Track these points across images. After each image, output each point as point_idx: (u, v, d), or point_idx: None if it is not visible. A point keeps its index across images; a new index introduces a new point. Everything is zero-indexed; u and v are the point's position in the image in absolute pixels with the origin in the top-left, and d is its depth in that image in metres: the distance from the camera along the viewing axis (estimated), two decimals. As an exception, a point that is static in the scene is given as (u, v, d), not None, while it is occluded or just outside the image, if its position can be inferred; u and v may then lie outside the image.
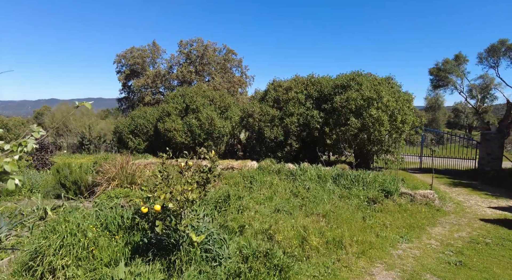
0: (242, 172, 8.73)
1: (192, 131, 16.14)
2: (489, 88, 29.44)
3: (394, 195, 7.67)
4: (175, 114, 16.67)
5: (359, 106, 12.08)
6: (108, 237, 3.68)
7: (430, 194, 7.93)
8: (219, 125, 16.33)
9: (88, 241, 3.42)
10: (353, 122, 11.91)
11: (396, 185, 8.12)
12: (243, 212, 5.73)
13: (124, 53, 31.20)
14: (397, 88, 13.31)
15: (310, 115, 13.32)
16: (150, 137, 19.16)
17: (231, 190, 6.92)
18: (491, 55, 28.73)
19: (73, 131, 24.02)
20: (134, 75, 31.28)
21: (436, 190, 8.76)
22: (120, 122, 20.24)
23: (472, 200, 8.44)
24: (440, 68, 28.57)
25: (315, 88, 14.02)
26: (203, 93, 17.71)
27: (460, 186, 10.65)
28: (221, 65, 30.97)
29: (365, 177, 8.42)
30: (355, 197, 7.34)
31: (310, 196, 7.38)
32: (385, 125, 11.71)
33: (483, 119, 32.32)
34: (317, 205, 6.66)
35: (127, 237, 3.67)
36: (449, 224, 6.16)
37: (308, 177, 8.50)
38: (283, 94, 14.16)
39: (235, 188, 7.62)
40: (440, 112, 45.36)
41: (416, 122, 12.97)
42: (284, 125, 13.68)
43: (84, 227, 3.54)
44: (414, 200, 7.73)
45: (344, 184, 8.36)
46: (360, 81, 12.82)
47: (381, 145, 12.52)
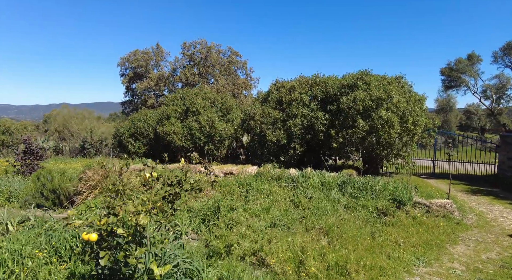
0: (239, 179, 8.01)
1: (192, 135, 15.51)
2: (505, 89, 28.12)
3: (407, 206, 6.84)
4: (174, 117, 16.09)
5: (367, 107, 11.26)
6: (55, 265, 3.00)
7: (448, 204, 7.07)
8: (220, 128, 15.66)
9: (27, 272, 2.75)
10: (360, 125, 11.09)
11: (409, 194, 7.28)
12: (233, 228, 5.00)
13: (128, 56, 30.95)
14: (408, 88, 12.44)
15: (315, 117, 12.54)
16: (150, 141, 18.63)
17: (224, 200, 6.21)
18: (507, 53, 27.49)
19: (75, 135, 23.71)
20: (138, 78, 30.98)
21: (453, 199, 7.88)
22: (120, 125, 19.78)
23: (496, 211, 7.53)
24: (453, 68, 27.44)
25: (320, 89, 13.25)
26: (204, 95, 17.10)
27: (479, 194, 9.71)
28: (225, 67, 30.43)
29: (374, 185, 7.60)
30: (362, 208, 6.54)
31: (312, 206, 6.61)
32: (395, 127, 10.85)
33: (499, 121, 30.92)
34: (319, 218, 5.89)
35: (73, 267, 2.98)
36: (473, 241, 5.31)
37: (311, 184, 7.73)
38: (286, 95, 13.42)
39: (229, 197, 6.90)
40: (452, 114, 43.88)
41: (429, 124, 12.07)
42: (287, 128, 12.93)
43: (26, 253, 2.87)
44: (429, 211, 6.88)
45: (350, 192, 7.56)
46: (368, 80, 12.00)
47: (391, 148, 11.65)
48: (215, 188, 7.61)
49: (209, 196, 7.20)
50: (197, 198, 7.07)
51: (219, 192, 7.53)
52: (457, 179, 12.50)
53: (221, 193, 7.36)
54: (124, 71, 32.05)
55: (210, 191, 7.49)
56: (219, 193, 7.34)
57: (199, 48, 28.57)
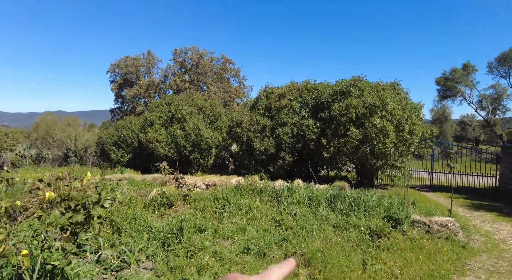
0: (216, 192, 7.13)
1: (177, 143, 14.65)
2: (501, 99, 27.72)
3: (404, 225, 6.00)
4: (158, 124, 15.24)
5: (361, 114, 10.53)
6: None
7: (450, 223, 6.24)
8: (207, 136, 14.83)
9: None
10: (353, 133, 10.33)
11: (406, 211, 6.44)
12: (194, 255, 4.11)
13: (118, 62, 30.23)
14: (404, 95, 11.78)
15: (305, 125, 11.78)
16: (134, 149, 17.70)
17: (191, 219, 5.32)
18: (502, 64, 27.19)
19: (58, 143, 22.68)
20: (128, 85, 30.19)
21: (455, 216, 7.07)
22: (104, 133, 18.86)
23: (504, 230, 6.72)
24: (448, 77, 27.04)
25: (311, 95, 12.54)
26: (191, 101, 16.32)
27: (482, 209, 8.91)
28: (217, 75, 29.81)
29: (367, 200, 6.76)
30: (353, 227, 5.68)
31: (296, 225, 5.74)
32: (390, 136, 10.10)
33: (495, 132, 30.45)
34: (303, 240, 5.03)
35: None
36: (484, 270, 4.47)
37: (296, 199, 6.87)
38: (276, 101, 12.68)
39: (201, 214, 6.02)
40: (448, 124, 43.52)
41: (426, 133, 11.35)
42: (276, 136, 12.13)
43: None
44: (430, 231, 6.04)
45: (341, 208, 6.71)
46: (362, 87, 11.32)
47: (386, 159, 10.88)
48: (188, 203, 6.72)
49: (179, 212, 6.30)
50: (164, 215, 6.18)
51: (193, 207, 6.64)
52: (456, 192, 11.71)
53: (194, 208, 6.47)
54: (114, 78, 31.28)
55: (181, 206, 6.60)
56: (192, 208, 6.45)
57: (190, 55, 27.95)
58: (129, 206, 6.23)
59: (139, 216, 5.48)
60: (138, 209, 6.15)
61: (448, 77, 27.21)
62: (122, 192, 9.40)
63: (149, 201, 6.86)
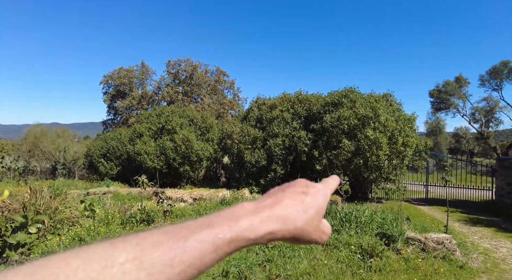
0: (200, 207, 6.73)
1: (166, 155, 14.26)
2: (494, 112, 27.86)
3: (398, 242, 5.63)
4: (148, 136, 14.88)
5: (353, 126, 10.29)
6: None
7: (447, 240, 5.88)
8: (198, 148, 14.47)
9: None
10: (346, 145, 10.06)
11: (400, 227, 6.09)
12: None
13: (111, 74, 30.05)
14: (397, 106, 11.62)
15: (297, 136, 11.51)
16: (123, 162, 17.23)
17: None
18: (493, 77, 27.47)
19: (47, 155, 22.14)
20: (120, 97, 29.92)
21: (452, 232, 6.72)
22: (93, 144, 18.42)
23: (503, 248, 6.37)
24: (441, 90, 27.20)
25: (303, 107, 12.33)
26: (182, 112, 16.04)
27: (479, 224, 8.58)
28: (211, 86, 29.72)
29: (359, 216, 6.41)
30: (344, 246, 5.30)
31: (284, 244, 5.34)
32: (383, 148, 9.85)
33: (489, 145, 30.47)
34: (288, 261, 4.63)
35: None
36: (484, 295, 4.09)
37: (284, 215, 6.48)
38: (267, 112, 12.44)
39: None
40: (442, 137, 43.66)
41: (420, 145, 11.12)
42: (267, 148, 11.83)
43: None
44: (425, 248, 5.68)
45: (331, 224, 6.32)
46: (354, 98, 11.14)
47: (379, 171, 10.59)
48: (169, 219, 6.31)
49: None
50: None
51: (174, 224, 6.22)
52: (452, 205, 11.38)
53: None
54: (107, 89, 31.03)
55: (161, 223, 6.17)
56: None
57: (183, 67, 27.89)
58: (105, 223, 5.81)
59: (112, 234, 5.06)
60: (114, 226, 5.74)
61: (441, 90, 27.37)
62: (103, 206, 8.95)
63: (128, 217, 6.43)
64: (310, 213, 0.39)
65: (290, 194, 0.40)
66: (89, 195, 11.04)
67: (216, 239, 0.33)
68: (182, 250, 0.31)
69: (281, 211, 0.37)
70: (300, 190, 0.41)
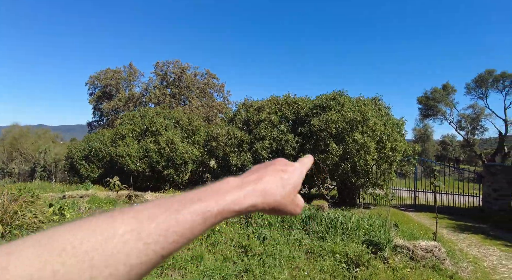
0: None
1: (149, 157, 13.75)
2: (479, 119, 28.31)
3: (386, 250, 5.34)
4: (131, 137, 14.36)
5: (341, 130, 10.07)
6: None
7: (436, 248, 5.62)
8: (183, 150, 14.02)
9: None
10: (333, 149, 9.82)
11: (388, 234, 5.81)
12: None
13: (98, 75, 29.35)
14: (385, 110, 11.48)
15: (284, 139, 11.22)
16: (106, 164, 16.60)
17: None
18: (479, 85, 27.96)
19: (26, 156, 21.25)
20: (107, 98, 29.19)
21: (441, 240, 6.49)
22: (74, 146, 17.73)
23: (492, 256, 6.16)
24: (429, 97, 27.51)
25: (291, 109, 12.07)
26: (167, 114, 15.59)
27: (467, 231, 8.40)
28: (200, 89, 29.31)
29: (345, 222, 6.11)
30: (329, 254, 4.97)
31: (264, 251, 4.99)
32: (371, 153, 9.63)
33: (475, 152, 30.90)
34: (268, 271, 4.27)
35: None
36: (476, 308, 3.81)
37: (267, 221, 6.14)
38: (254, 115, 12.13)
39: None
40: (430, 143, 44.26)
41: (409, 150, 10.98)
42: (254, 151, 11.49)
43: None
44: (414, 257, 5.40)
45: (316, 231, 6.01)
46: (342, 101, 10.95)
47: (368, 176, 10.37)
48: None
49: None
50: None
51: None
52: (440, 211, 11.18)
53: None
54: (93, 90, 30.27)
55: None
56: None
57: (172, 68, 27.43)
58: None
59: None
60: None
61: (429, 97, 27.68)
62: (77, 210, 8.41)
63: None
64: (287, 188, 0.44)
65: (271, 171, 0.44)
66: (64, 198, 10.46)
67: (205, 211, 0.35)
68: (175, 221, 0.33)
69: (263, 186, 0.41)
70: (279, 167, 0.46)
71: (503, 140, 26.76)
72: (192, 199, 0.36)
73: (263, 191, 0.41)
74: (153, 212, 0.33)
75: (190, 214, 0.34)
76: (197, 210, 0.35)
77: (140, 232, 0.31)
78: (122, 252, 0.30)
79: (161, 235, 0.32)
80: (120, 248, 0.30)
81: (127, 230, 0.31)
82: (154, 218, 0.33)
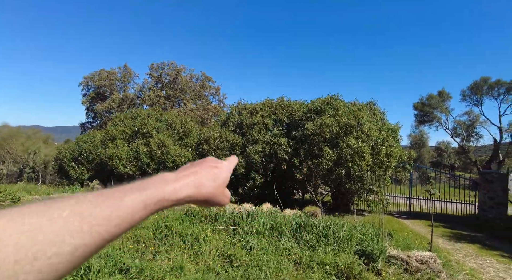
0: (159, 219, 6.00)
1: (140, 160, 13.41)
2: (474, 126, 28.32)
3: (379, 262, 5.07)
4: (121, 139, 14.02)
5: (335, 134, 9.84)
6: None
7: (431, 259, 5.37)
8: (174, 153, 13.69)
9: None
10: (327, 154, 9.57)
11: (381, 244, 5.54)
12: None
13: (92, 75, 28.97)
14: (381, 115, 11.30)
15: (278, 143, 10.96)
16: (96, 166, 16.20)
17: (113, 254, 4.18)
18: (474, 93, 28.02)
19: (14, 157, 20.76)
20: (100, 99, 28.79)
21: (436, 250, 6.24)
22: (63, 147, 17.32)
23: (489, 267, 5.92)
24: (425, 103, 27.50)
25: (285, 113, 11.85)
26: (160, 116, 15.29)
27: (463, 241, 8.17)
28: (196, 92, 29.05)
29: (337, 230, 5.83)
30: (318, 265, 4.69)
31: (250, 262, 4.70)
32: (366, 158, 9.40)
33: (470, 159, 30.89)
34: (252, 284, 3.98)
35: None
36: (474, 327, 3.54)
37: (255, 228, 5.84)
38: (247, 118, 11.88)
39: (133, 246, 4.86)
40: (425, 150, 44.29)
41: (404, 156, 10.77)
42: (246, 154, 11.21)
43: None
44: (408, 268, 5.14)
45: (307, 239, 5.73)
46: (337, 105, 10.74)
47: (362, 182, 10.12)
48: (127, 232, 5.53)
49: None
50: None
51: (132, 235, 5.47)
52: (435, 219, 10.93)
53: (129, 238, 5.30)
54: (86, 91, 29.87)
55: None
56: (125, 239, 5.27)
57: (166, 70, 27.16)
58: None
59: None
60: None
61: (425, 103, 27.67)
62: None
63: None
64: (218, 182, 0.49)
65: (204, 167, 0.49)
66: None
67: (146, 199, 0.38)
68: (118, 206, 0.35)
69: (198, 180, 0.45)
70: (212, 164, 0.51)
71: (498, 147, 26.78)
72: (132, 188, 0.38)
73: (197, 183, 0.45)
74: (95, 198, 0.35)
75: (131, 201, 0.36)
76: (138, 197, 0.37)
77: (84, 215, 0.32)
78: (66, 232, 0.30)
79: (105, 219, 0.33)
80: (65, 229, 0.30)
81: (71, 213, 0.32)
82: (97, 203, 0.34)
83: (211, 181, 0.47)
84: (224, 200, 0.50)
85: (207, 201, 0.46)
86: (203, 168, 0.48)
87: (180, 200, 0.42)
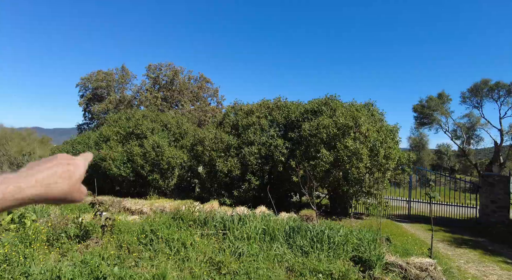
0: (145, 223, 5.71)
1: (134, 161, 13.13)
2: (474, 128, 28.05)
3: (376, 269, 4.79)
4: (115, 140, 13.75)
5: (332, 135, 9.58)
6: None
7: (431, 266, 5.09)
8: (169, 154, 13.41)
9: None
10: (324, 155, 9.31)
11: (379, 250, 5.26)
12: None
13: (89, 76, 28.75)
14: (379, 116, 11.03)
15: (274, 145, 10.70)
16: (90, 168, 15.70)
17: (91, 262, 3.90)
18: (474, 95, 27.78)
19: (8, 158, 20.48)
20: (97, 100, 28.56)
21: (437, 256, 5.95)
22: (57, 148, 17.06)
23: (493, 275, 5.63)
24: (424, 105, 27.25)
25: (282, 114, 11.58)
26: (155, 117, 15.02)
27: (465, 246, 7.88)
28: (194, 93, 28.81)
29: (332, 235, 5.55)
30: (311, 273, 4.41)
31: (239, 269, 4.42)
32: (364, 160, 9.13)
33: (471, 161, 30.60)
34: (239, 293, 3.70)
35: None
36: None
37: (246, 233, 5.56)
38: (243, 118, 11.62)
39: (115, 252, 4.58)
40: (425, 152, 43.98)
41: (403, 158, 10.50)
42: (241, 156, 10.95)
43: None
44: (407, 277, 4.86)
45: (300, 245, 5.44)
46: (334, 106, 10.49)
47: (360, 185, 9.85)
48: (107, 235, 5.26)
49: (91, 247, 4.84)
50: (68, 251, 4.70)
51: (115, 240, 5.19)
52: (435, 223, 10.67)
53: (112, 243, 5.01)
54: (83, 92, 29.64)
55: (97, 240, 5.13)
56: (110, 243, 4.99)
57: (164, 71, 26.93)
58: (24, 241, 4.74)
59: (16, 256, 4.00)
60: (36, 244, 4.67)
61: (424, 105, 27.42)
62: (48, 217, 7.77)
63: (59, 231, 5.35)
64: (74, 179, 0.49)
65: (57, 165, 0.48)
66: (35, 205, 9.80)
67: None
68: None
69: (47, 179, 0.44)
70: (65, 161, 0.50)
71: (499, 149, 26.48)
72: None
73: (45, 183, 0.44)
74: None
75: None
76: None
77: None
78: None
79: None
80: None
81: None
82: None
83: (66, 179, 0.46)
84: (80, 196, 0.50)
85: (62, 199, 0.46)
86: (54, 165, 0.47)
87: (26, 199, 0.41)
